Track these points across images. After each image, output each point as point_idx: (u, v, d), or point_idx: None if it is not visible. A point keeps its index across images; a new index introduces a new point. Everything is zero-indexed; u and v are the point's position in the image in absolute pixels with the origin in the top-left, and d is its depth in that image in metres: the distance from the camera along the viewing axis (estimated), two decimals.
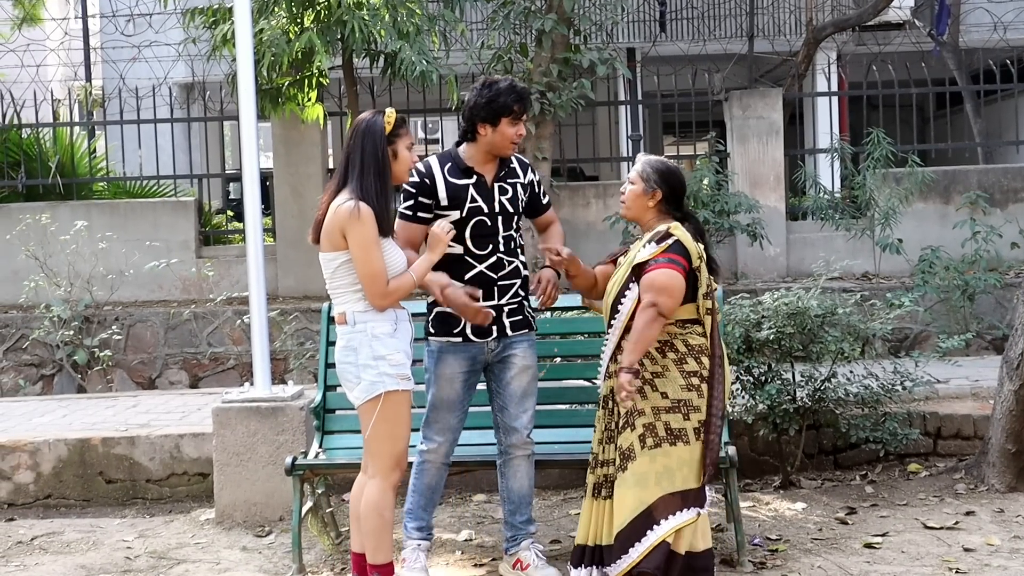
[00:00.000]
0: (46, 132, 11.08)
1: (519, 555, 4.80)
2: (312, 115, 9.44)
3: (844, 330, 5.99)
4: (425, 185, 4.66)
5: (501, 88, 4.63)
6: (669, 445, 4.37)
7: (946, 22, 13.56)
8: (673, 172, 4.60)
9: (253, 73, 5.98)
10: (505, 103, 4.60)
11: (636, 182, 4.58)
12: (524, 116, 4.71)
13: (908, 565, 4.81)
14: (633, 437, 4.39)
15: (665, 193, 4.55)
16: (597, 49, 9.57)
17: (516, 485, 4.82)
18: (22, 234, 9.66)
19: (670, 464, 4.37)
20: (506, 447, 4.80)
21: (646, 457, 4.36)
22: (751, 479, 6.44)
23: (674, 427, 4.39)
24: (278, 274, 10.06)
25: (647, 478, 4.35)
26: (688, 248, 4.45)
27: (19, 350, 9.64)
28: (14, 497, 6.63)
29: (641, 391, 4.39)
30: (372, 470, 4.37)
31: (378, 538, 4.33)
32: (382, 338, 4.31)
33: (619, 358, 4.43)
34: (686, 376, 4.42)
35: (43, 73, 13.11)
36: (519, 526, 4.83)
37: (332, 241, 4.31)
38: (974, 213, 9.75)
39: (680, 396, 4.40)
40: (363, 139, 4.33)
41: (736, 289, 8.85)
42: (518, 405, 4.75)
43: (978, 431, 6.44)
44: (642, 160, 4.63)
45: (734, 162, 10.40)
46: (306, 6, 8.46)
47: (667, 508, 4.35)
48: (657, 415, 4.39)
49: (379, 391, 4.29)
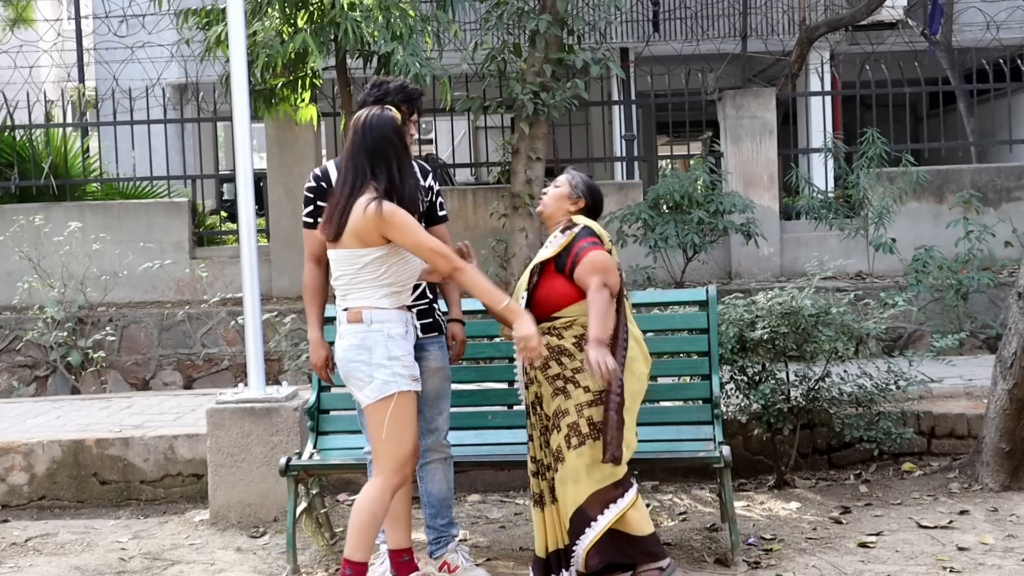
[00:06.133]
0: (39, 133, 11.06)
1: (446, 557, 4.81)
2: (306, 116, 9.43)
3: (838, 329, 6.00)
4: (322, 189, 4.68)
5: (389, 88, 4.65)
6: (593, 440, 4.42)
7: (939, 21, 13.61)
8: (598, 191, 4.76)
9: (247, 74, 5.97)
10: (392, 103, 4.57)
11: (562, 185, 4.70)
12: (415, 116, 4.71)
13: (902, 564, 4.82)
14: (560, 439, 4.45)
15: (588, 205, 4.68)
16: (591, 49, 9.58)
17: (435, 488, 4.82)
18: (15, 235, 9.65)
19: (596, 456, 4.41)
20: (423, 450, 4.76)
21: (573, 455, 4.42)
22: (745, 479, 6.45)
23: (596, 420, 4.43)
24: (272, 275, 10.06)
25: (577, 474, 4.41)
26: (598, 232, 4.57)
27: (13, 351, 9.62)
28: (8, 499, 6.62)
29: (564, 390, 4.45)
30: (376, 469, 4.36)
31: (362, 535, 4.32)
32: (396, 339, 4.30)
33: (536, 363, 4.40)
34: None
35: (36, 74, 13.09)
36: (441, 529, 4.84)
37: (363, 239, 4.24)
38: (967, 212, 9.77)
39: (601, 387, 4.43)
40: (375, 132, 4.30)
41: (730, 289, 8.85)
42: (432, 407, 4.73)
43: (972, 430, 6.45)
44: (573, 173, 4.75)
45: (728, 162, 10.42)
46: (299, 7, 8.45)
47: (602, 501, 4.41)
48: (580, 411, 4.43)
49: (392, 391, 4.27)
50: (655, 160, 15.69)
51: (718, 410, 5.15)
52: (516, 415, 5.28)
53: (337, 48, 8.64)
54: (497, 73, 9.61)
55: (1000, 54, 11.27)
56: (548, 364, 4.47)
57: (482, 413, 5.36)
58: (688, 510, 5.83)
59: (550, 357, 4.47)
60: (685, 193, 9.23)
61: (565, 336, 4.49)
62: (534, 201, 9.11)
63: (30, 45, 13.04)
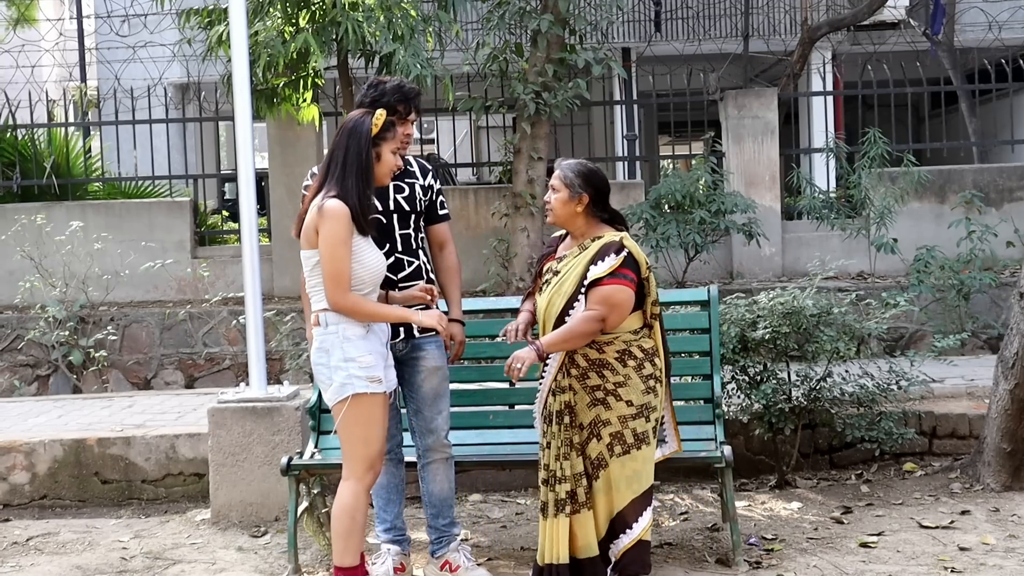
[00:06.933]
0: (41, 133, 11.07)
1: (447, 557, 4.82)
2: (308, 116, 9.43)
3: (839, 329, 6.00)
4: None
5: (386, 88, 4.65)
6: (636, 450, 4.44)
7: (941, 21, 13.60)
8: (595, 172, 4.56)
9: (248, 73, 5.98)
10: (388, 103, 4.58)
11: (560, 189, 4.53)
12: (411, 116, 4.70)
13: (904, 564, 4.82)
14: (601, 447, 4.44)
15: (592, 196, 4.51)
16: (592, 49, 9.58)
17: (436, 488, 4.82)
18: (17, 235, 9.66)
19: (638, 467, 4.44)
20: (423, 450, 4.79)
21: (617, 464, 4.42)
22: (747, 479, 6.45)
23: (639, 431, 4.45)
24: (274, 274, 10.06)
25: (619, 483, 4.42)
26: (638, 260, 4.47)
27: (14, 351, 9.63)
28: (9, 498, 6.62)
29: (604, 401, 4.43)
30: (346, 472, 4.38)
31: (346, 540, 4.34)
32: (353, 340, 4.30)
33: (572, 372, 4.44)
34: (645, 380, 4.47)
35: (38, 74, 13.12)
36: (443, 529, 4.85)
37: (308, 239, 4.34)
38: (969, 212, 9.76)
39: (643, 401, 4.46)
40: (349, 138, 4.34)
41: (732, 289, 8.85)
42: (431, 407, 4.74)
43: (973, 430, 6.45)
44: (561, 166, 4.58)
45: (729, 162, 10.41)
46: (301, 7, 8.45)
47: (639, 509, 4.44)
48: (624, 423, 4.43)
49: (347, 393, 4.28)
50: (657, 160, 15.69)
51: (719, 410, 5.15)
52: (517, 415, 5.29)
53: (339, 48, 8.64)
54: (499, 73, 9.61)
55: (1002, 54, 11.27)
56: (587, 375, 4.45)
57: (483, 413, 5.36)
58: (689, 510, 5.84)
59: (589, 368, 4.45)
60: (687, 193, 9.23)
61: (607, 351, 4.44)
62: (536, 201, 9.12)
63: (32, 45, 13.04)
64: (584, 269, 4.44)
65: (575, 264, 4.49)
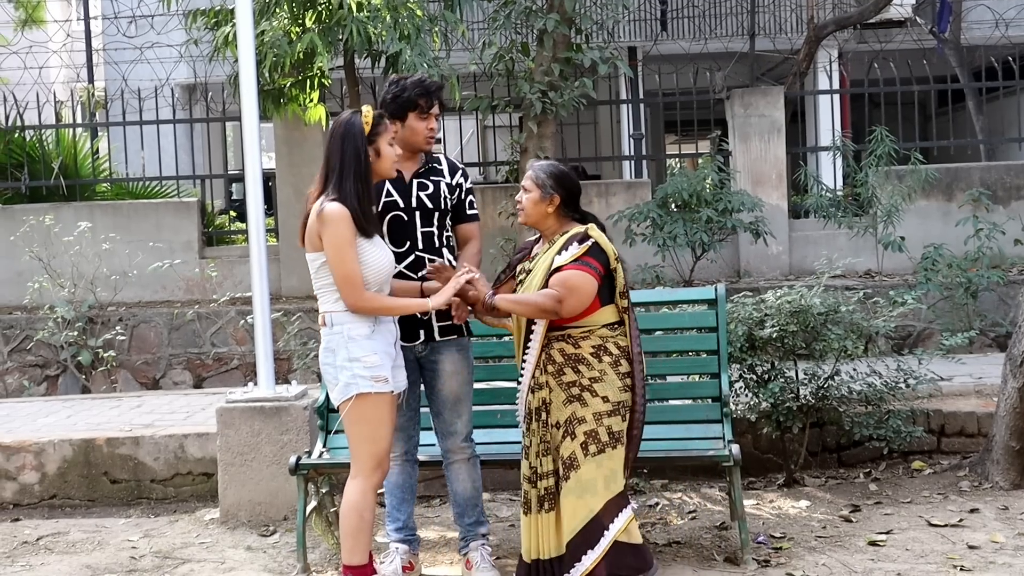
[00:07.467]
0: (49, 134, 11.09)
1: (469, 555, 4.85)
2: (314, 116, 9.45)
3: (847, 328, 6.00)
4: None
5: (407, 84, 4.66)
6: (611, 449, 4.41)
7: (947, 19, 13.58)
8: (567, 174, 4.58)
9: (255, 74, 5.99)
10: (409, 98, 4.60)
11: (532, 189, 4.54)
12: (434, 110, 4.69)
13: (912, 562, 4.82)
14: (575, 446, 4.41)
15: (563, 197, 4.54)
16: (599, 48, 9.57)
17: (459, 488, 4.84)
18: (26, 235, 9.69)
19: (614, 467, 4.42)
20: (445, 451, 4.83)
21: (592, 463, 4.39)
22: (755, 477, 6.45)
23: (615, 430, 4.43)
24: (281, 274, 10.07)
25: (594, 484, 4.38)
26: (606, 250, 4.47)
27: (23, 351, 9.65)
28: (19, 497, 6.65)
29: (580, 398, 4.42)
30: (353, 470, 4.41)
31: (355, 538, 4.36)
32: (358, 340, 4.31)
33: (548, 368, 4.44)
34: (622, 378, 4.46)
35: (46, 75, 13.15)
36: (468, 527, 4.87)
37: (311, 243, 4.36)
38: (977, 210, 9.73)
39: (619, 398, 4.44)
40: (343, 141, 4.34)
41: (739, 287, 8.84)
42: (452, 411, 4.76)
43: (982, 428, 6.44)
44: (533, 167, 4.60)
45: (736, 160, 10.41)
46: (307, 7, 8.47)
47: (614, 510, 4.41)
48: (599, 420, 4.41)
49: (352, 393, 4.31)
50: (663, 159, 15.66)
51: (727, 408, 5.14)
52: None
53: (345, 48, 8.65)
54: (505, 72, 9.61)
55: (1009, 52, 11.25)
56: (563, 371, 4.44)
57: (491, 412, 5.36)
58: (697, 508, 5.84)
59: (565, 364, 4.45)
60: (693, 192, 9.22)
61: (582, 345, 4.44)
62: None
63: (40, 46, 13.06)
64: (551, 261, 4.47)
65: (544, 259, 4.52)
